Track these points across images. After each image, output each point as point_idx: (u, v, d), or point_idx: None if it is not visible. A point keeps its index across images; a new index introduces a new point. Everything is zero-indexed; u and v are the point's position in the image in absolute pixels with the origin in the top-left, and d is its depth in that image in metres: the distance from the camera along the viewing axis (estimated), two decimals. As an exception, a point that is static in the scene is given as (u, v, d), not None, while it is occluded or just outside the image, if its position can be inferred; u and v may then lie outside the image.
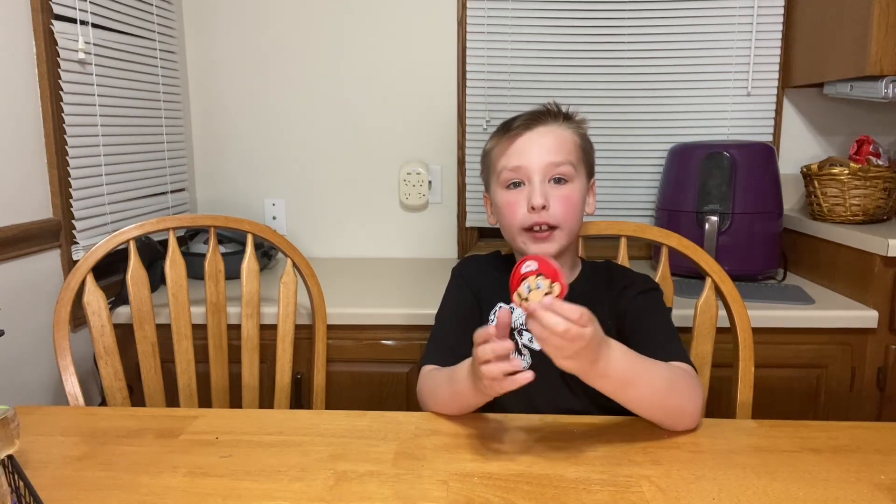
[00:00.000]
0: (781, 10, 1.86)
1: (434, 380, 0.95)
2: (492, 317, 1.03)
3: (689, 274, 1.58)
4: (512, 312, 0.78)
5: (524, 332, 1.00)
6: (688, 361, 0.91)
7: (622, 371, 0.79)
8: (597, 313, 1.00)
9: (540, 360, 0.98)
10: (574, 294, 1.00)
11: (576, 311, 0.71)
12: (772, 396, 1.45)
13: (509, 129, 0.99)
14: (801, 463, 0.77)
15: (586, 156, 1.01)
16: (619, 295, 1.01)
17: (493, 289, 1.05)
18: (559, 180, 0.96)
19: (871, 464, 0.77)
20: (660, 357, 0.88)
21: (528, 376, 0.74)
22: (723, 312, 1.13)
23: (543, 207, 0.94)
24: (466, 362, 0.86)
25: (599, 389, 0.80)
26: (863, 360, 1.45)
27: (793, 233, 1.75)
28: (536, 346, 0.98)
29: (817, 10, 1.73)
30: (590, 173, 1.03)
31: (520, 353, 0.99)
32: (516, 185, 0.97)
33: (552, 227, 0.96)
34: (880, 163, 1.70)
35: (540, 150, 0.96)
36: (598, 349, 0.75)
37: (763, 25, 1.87)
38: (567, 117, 1.01)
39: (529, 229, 0.96)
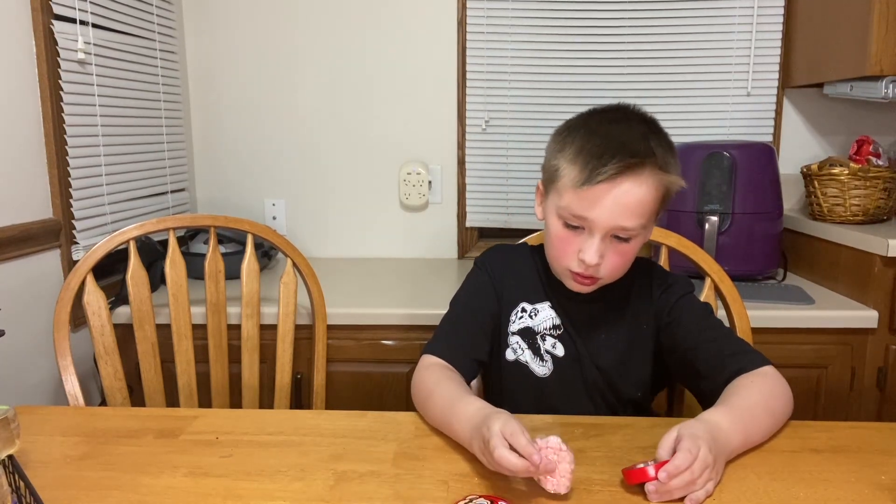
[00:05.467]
0: (781, 11, 1.86)
1: (431, 384, 0.89)
2: (513, 317, 0.99)
3: (688, 274, 1.57)
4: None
5: (547, 338, 0.98)
6: (762, 359, 0.88)
7: (741, 439, 0.77)
8: (639, 310, 0.97)
9: (561, 367, 0.97)
10: (615, 288, 0.96)
11: (687, 457, 0.68)
12: (772, 396, 1.45)
13: (594, 173, 0.83)
14: (802, 463, 0.77)
15: (665, 204, 0.89)
16: (660, 296, 0.97)
17: (518, 287, 1.00)
18: (622, 238, 0.87)
19: (871, 464, 0.77)
20: (734, 368, 0.86)
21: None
22: (722, 312, 1.13)
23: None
24: (473, 406, 0.79)
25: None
26: (863, 360, 1.45)
27: (793, 233, 1.75)
28: (559, 351, 0.97)
29: (817, 10, 1.73)
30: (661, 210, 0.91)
31: (541, 358, 0.97)
32: (575, 227, 0.87)
33: (595, 277, 0.89)
34: (880, 163, 1.70)
35: (615, 210, 0.83)
36: (721, 450, 0.72)
37: (763, 25, 1.87)
38: (666, 163, 0.85)
39: (573, 271, 0.89)
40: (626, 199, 0.83)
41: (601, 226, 0.85)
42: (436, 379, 0.90)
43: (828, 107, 1.91)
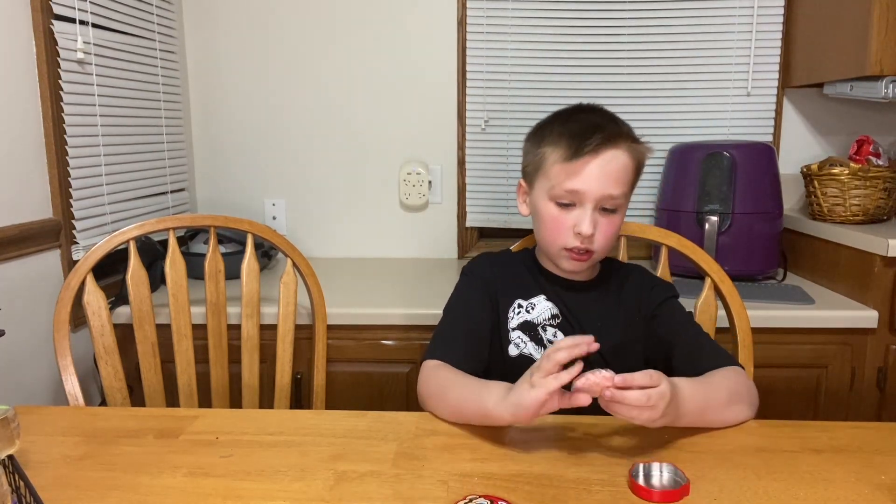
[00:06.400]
0: (781, 10, 1.86)
1: (444, 380, 0.91)
2: (511, 314, 1.01)
3: (688, 274, 1.58)
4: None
5: (548, 328, 1.00)
6: (735, 362, 0.94)
7: (696, 405, 0.82)
8: (629, 302, 1.03)
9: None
10: (606, 279, 1.03)
11: (645, 375, 0.74)
12: (772, 396, 1.45)
13: (580, 146, 0.92)
14: (802, 463, 0.77)
15: (639, 173, 1.00)
16: (648, 293, 1.03)
17: (509, 286, 1.04)
18: (609, 209, 0.95)
19: (871, 464, 0.77)
20: (706, 365, 0.92)
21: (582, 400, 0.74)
22: (722, 312, 1.13)
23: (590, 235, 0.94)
24: (499, 384, 0.83)
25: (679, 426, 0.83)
26: (863, 360, 1.45)
27: (793, 233, 1.75)
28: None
29: (817, 10, 1.73)
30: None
31: (545, 348, 0.98)
32: (567, 204, 0.95)
33: (590, 251, 0.96)
34: (880, 163, 1.70)
35: (602, 178, 0.93)
36: (676, 398, 0.77)
37: (763, 25, 1.87)
38: (635, 135, 0.98)
39: (569, 249, 0.96)
40: (610, 167, 0.93)
41: (592, 196, 0.93)
42: (452, 374, 0.92)
43: (828, 107, 1.91)
